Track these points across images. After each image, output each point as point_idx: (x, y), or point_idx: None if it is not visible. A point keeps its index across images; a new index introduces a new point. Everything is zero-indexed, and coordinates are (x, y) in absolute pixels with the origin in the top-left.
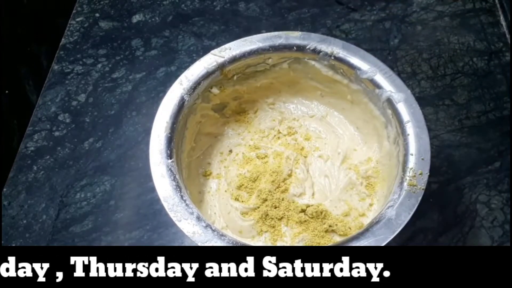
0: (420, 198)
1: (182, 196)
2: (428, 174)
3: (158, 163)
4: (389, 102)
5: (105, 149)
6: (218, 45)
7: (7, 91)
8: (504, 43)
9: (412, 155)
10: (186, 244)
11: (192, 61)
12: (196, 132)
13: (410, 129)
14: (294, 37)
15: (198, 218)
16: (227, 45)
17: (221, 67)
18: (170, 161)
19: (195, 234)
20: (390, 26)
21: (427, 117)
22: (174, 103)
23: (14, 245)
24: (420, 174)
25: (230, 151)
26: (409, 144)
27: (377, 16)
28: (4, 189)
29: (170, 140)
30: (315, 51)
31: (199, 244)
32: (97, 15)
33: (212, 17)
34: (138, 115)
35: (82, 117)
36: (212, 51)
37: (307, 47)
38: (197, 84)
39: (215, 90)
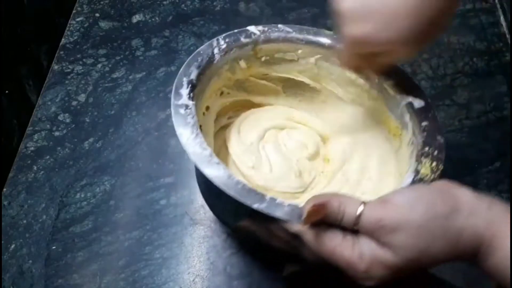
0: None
1: (197, 134)
2: (443, 167)
3: (179, 100)
4: (408, 107)
5: (105, 149)
6: None
7: (7, 91)
8: (504, 43)
9: (426, 151)
10: (186, 243)
11: None
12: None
13: (426, 128)
14: (328, 34)
15: (211, 155)
16: (264, 26)
17: (254, 43)
18: (191, 102)
19: (206, 168)
20: None
21: None
22: (205, 56)
23: (14, 245)
24: (434, 165)
25: None
26: (425, 142)
27: None
28: (4, 189)
29: (194, 86)
30: None
31: (208, 177)
32: (97, 15)
33: (212, 17)
34: (138, 115)
35: (82, 117)
36: (249, 27)
37: (338, 46)
38: (230, 49)
39: (242, 64)
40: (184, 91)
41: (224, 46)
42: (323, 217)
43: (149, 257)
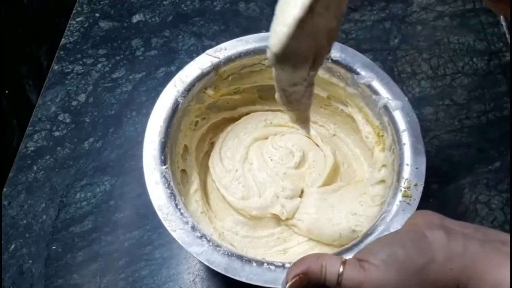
0: (414, 210)
1: (176, 205)
2: (423, 185)
3: (152, 170)
4: (386, 109)
5: (105, 149)
6: (218, 45)
7: (7, 91)
8: (504, 43)
9: (407, 165)
10: None
11: None
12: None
13: (406, 138)
14: None
15: (193, 228)
16: (222, 45)
17: (216, 67)
18: (164, 167)
19: (190, 246)
20: (390, 26)
21: (427, 117)
22: (168, 107)
23: (14, 245)
24: (415, 185)
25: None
26: (404, 153)
27: (377, 16)
28: (4, 189)
29: (164, 145)
30: None
31: (194, 255)
32: (97, 15)
33: (212, 17)
34: (138, 115)
35: (82, 117)
36: (207, 51)
37: None
38: (191, 86)
39: (209, 92)
40: (155, 156)
41: (184, 86)
42: (308, 281)
43: (149, 257)
